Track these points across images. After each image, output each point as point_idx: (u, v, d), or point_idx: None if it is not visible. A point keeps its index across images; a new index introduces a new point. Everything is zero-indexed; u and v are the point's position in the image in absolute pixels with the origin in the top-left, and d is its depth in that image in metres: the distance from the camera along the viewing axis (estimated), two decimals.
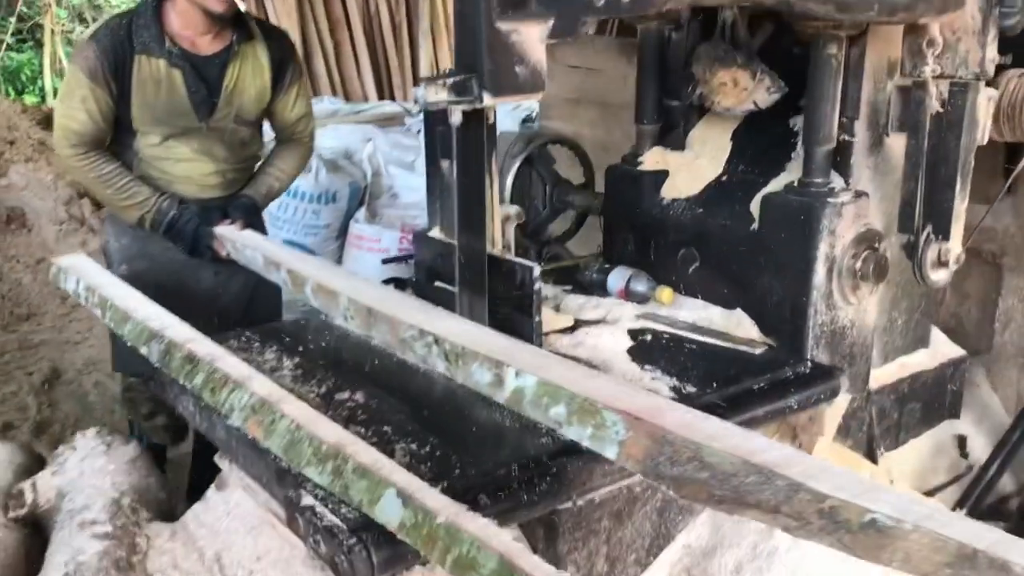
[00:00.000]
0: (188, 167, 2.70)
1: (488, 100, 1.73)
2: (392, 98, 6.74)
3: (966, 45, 1.90)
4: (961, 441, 2.56)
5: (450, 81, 1.79)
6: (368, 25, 6.79)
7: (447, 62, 7.05)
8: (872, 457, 2.33)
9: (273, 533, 1.65)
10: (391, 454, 1.60)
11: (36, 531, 1.86)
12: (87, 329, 4.89)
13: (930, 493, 2.45)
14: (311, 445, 1.55)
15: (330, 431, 1.58)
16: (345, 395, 1.82)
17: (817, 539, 1.15)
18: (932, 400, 2.47)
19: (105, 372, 4.49)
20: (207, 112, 2.66)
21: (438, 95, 1.84)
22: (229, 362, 1.87)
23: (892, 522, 1.08)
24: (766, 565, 1.88)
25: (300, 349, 2.09)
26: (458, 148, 1.95)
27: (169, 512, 1.90)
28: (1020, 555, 1.02)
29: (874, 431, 2.34)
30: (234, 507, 1.74)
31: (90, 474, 1.83)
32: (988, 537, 1.07)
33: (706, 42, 2.27)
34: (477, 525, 1.30)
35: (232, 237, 2.59)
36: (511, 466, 1.59)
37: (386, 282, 2.54)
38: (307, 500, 1.49)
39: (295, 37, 6.29)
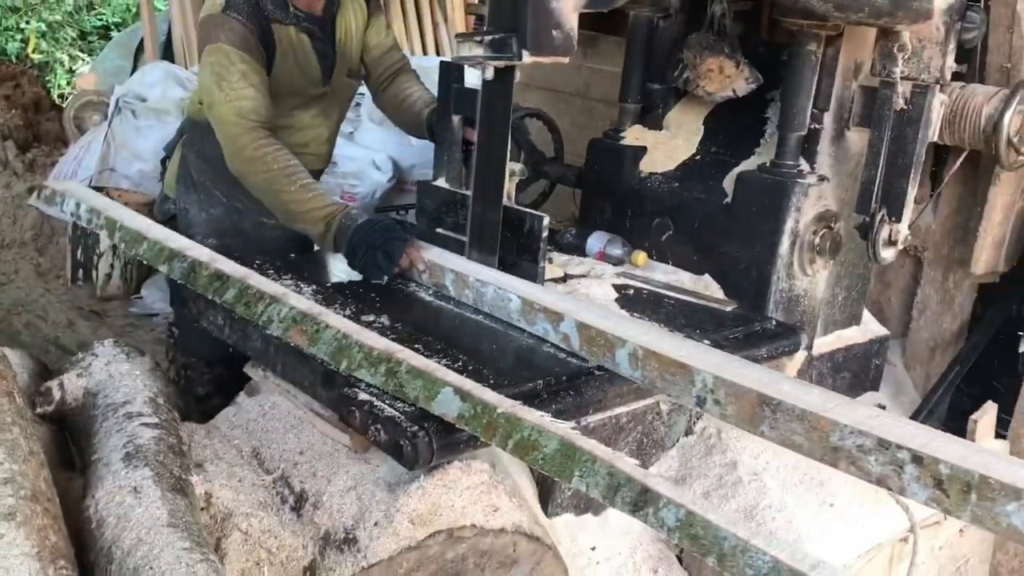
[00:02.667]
0: (306, 135, 2.52)
1: (527, 58, 1.92)
2: None
3: (930, 53, 2.20)
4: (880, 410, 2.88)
5: (488, 38, 1.97)
6: None
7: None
8: None
9: (314, 430, 1.79)
10: None
11: (60, 428, 1.94)
12: (13, 271, 4.83)
13: None
14: (361, 350, 1.71)
15: (377, 339, 1.74)
16: (371, 318, 1.97)
17: None
18: (860, 371, 2.78)
19: (35, 313, 4.45)
20: (329, 73, 2.52)
21: (472, 51, 2.02)
22: (258, 279, 2.00)
23: None
24: (731, 493, 2.12)
25: (317, 279, 2.22)
26: (484, 103, 2.13)
27: (189, 418, 2.00)
28: None
29: None
30: (270, 409, 1.87)
31: (119, 376, 1.92)
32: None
33: (698, 31, 2.51)
34: (534, 416, 1.50)
35: (444, 264, 2.15)
36: (536, 382, 1.78)
37: None
38: (363, 396, 1.64)
39: None
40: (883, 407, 2.88)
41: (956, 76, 2.33)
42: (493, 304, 2.03)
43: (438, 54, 7.25)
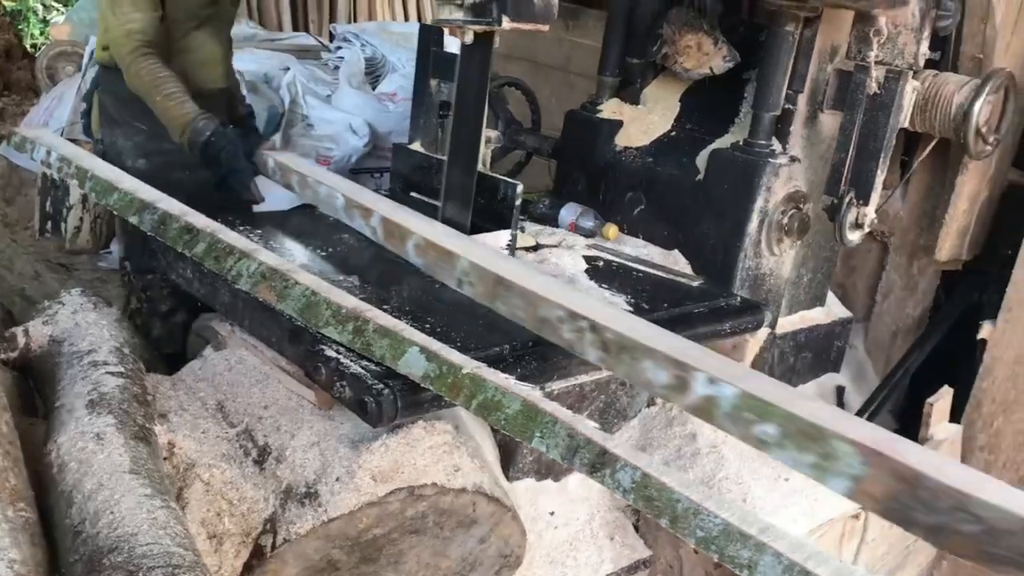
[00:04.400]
0: (203, 53, 2.63)
1: (506, 24, 1.93)
2: (307, 31, 6.73)
3: (904, 39, 2.22)
4: (840, 391, 2.93)
5: (468, 2, 1.97)
6: None
7: (365, 4, 7.08)
8: None
9: (279, 386, 1.80)
10: None
11: (24, 375, 1.94)
12: None
13: None
14: (329, 308, 1.71)
15: (345, 298, 1.75)
16: (340, 277, 1.98)
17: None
18: (822, 352, 2.82)
19: (1, 264, 4.40)
20: None
21: (452, 14, 2.02)
22: (230, 235, 2.00)
23: None
24: (689, 463, 2.16)
25: (289, 236, 2.22)
26: (462, 68, 2.13)
27: (154, 371, 2.00)
28: None
29: (775, 371, 2.66)
30: (236, 363, 1.88)
31: (85, 326, 1.92)
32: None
33: (679, 7, 2.52)
34: (499, 378, 1.52)
35: (292, 166, 2.39)
36: (503, 346, 1.80)
37: (298, 209, 2.50)
38: (330, 352, 1.65)
39: None
40: (843, 388, 2.94)
41: (929, 64, 2.36)
42: (324, 202, 2.24)
43: (419, 20, 7.21)
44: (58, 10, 8.09)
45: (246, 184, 2.36)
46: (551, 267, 2.29)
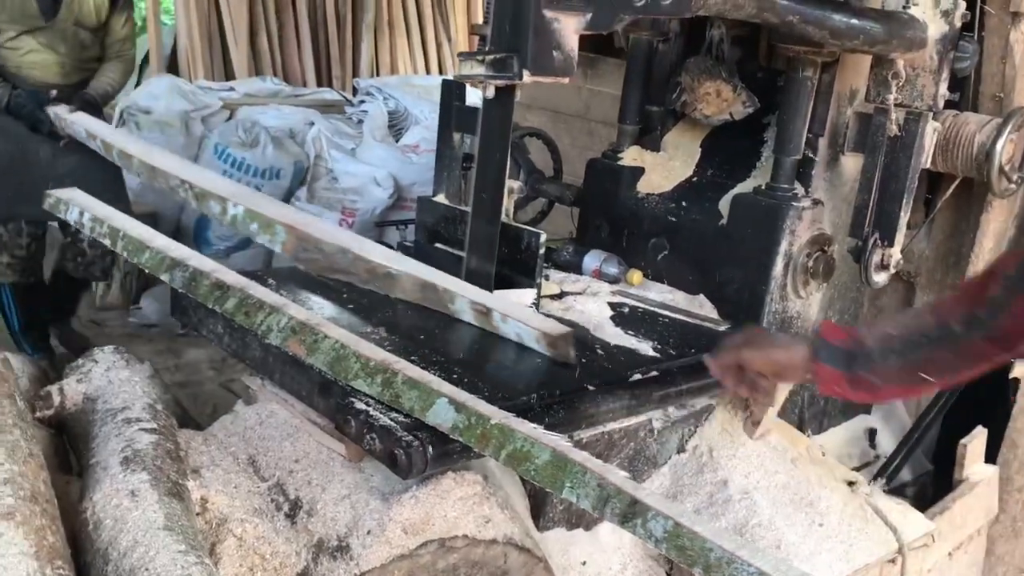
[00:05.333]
0: (35, 57, 3.57)
1: (527, 78, 1.96)
2: (331, 86, 6.86)
3: (923, 80, 2.24)
4: (871, 434, 2.90)
5: (490, 57, 2.01)
6: (312, 12, 6.90)
7: (387, 58, 7.21)
8: None
9: (310, 439, 1.81)
10: None
11: (59, 432, 1.97)
12: None
13: None
14: (358, 360, 1.73)
15: (374, 350, 1.77)
16: (369, 329, 2.00)
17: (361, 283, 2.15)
18: None
19: None
20: (52, 13, 3.56)
21: (474, 69, 2.06)
22: (259, 290, 2.03)
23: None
24: (721, 511, 2.14)
25: (315, 292, 2.24)
26: (484, 121, 2.16)
27: (186, 426, 2.03)
28: None
29: (804, 414, 2.65)
30: (267, 417, 1.90)
31: (118, 383, 1.95)
32: None
33: (696, 55, 2.55)
34: (527, 428, 1.52)
35: (68, 118, 3.38)
36: (531, 396, 1.81)
37: None
38: (359, 405, 1.67)
39: (243, 13, 6.37)
40: (874, 430, 2.91)
41: (949, 104, 2.37)
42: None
43: (441, 73, 7.33)
44: None
45: (42, 127, 3.45)
46: (576, 314, 2.30)
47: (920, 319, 1.67)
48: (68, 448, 1.95)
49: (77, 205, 2.57)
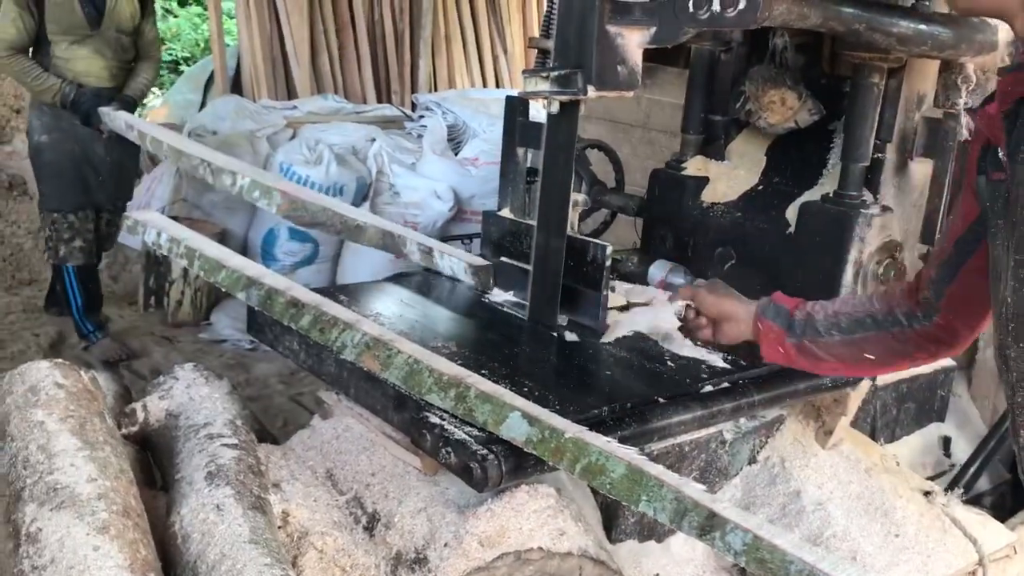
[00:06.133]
0: (86, 63, 4.02)
1: (592, 93, 1.97)
2: (390, 102, 6.94)
3: (994, 84, 2.20)
4: (946, 442, 2.85)
5: (554, 74, 2.03)
6: (371, 30, 6.99)
7: (445, 73, 7.28)
8: None
9: (385, 453, 1.84)
10: None
11: (143, 448, 2.03)
12: None
13: None
14: (431, 375, 1.76)
15: (447, 365, 1.79)
16: (439, 343, 2.03)
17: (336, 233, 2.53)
18: (925, 402, 2.76)
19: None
20: (97, 23, 3.99)
21: (539, 86, 2.08)
22: (334, 307, 2.07)
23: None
24: (794, 522, 2.13)
25: (385, 306, 2.29)
26: (548, 136, 2.18)
27: (264, 441, 2.07)
28: None
29: (876, 423, 2.62)
30: (343, 432, 1.94)
31: (199, 399, 2.01)
32: None
33: (760, 64, 2.54)
34: (601, 441, 1.53)
35: (112, 114, 3.87)
36: (602, 408, 1.82)
37: (389, 279, 2.66)
38: (434, 419, 1.70)
39: (304, 33, 6.49)
40: (949, 438, 2.86)
41: None
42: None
43: (498, 86, 7.36)
44: (154, 93, 8.50)
45: (96, 124, 3.95)
46: (645, 326, 2.31)
47: (869, 303, 1.72)
48: (152, 463, 2.01)
49: (154, 227, 2.64)
